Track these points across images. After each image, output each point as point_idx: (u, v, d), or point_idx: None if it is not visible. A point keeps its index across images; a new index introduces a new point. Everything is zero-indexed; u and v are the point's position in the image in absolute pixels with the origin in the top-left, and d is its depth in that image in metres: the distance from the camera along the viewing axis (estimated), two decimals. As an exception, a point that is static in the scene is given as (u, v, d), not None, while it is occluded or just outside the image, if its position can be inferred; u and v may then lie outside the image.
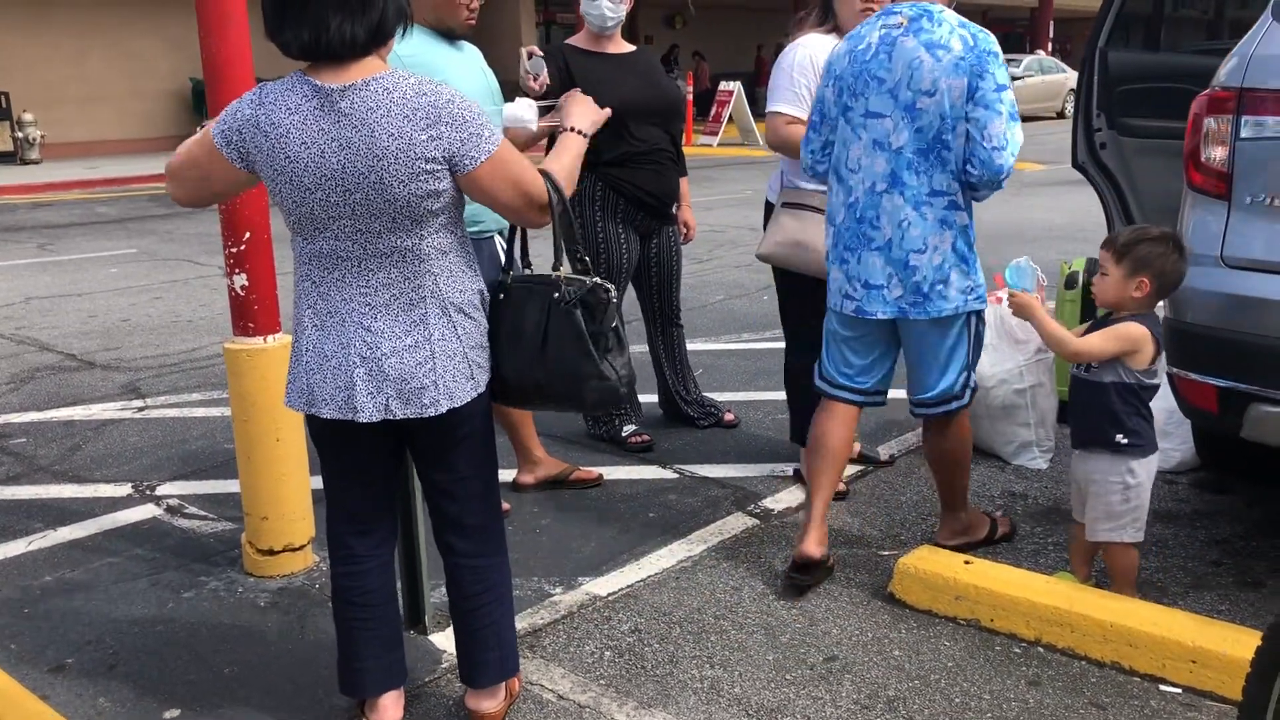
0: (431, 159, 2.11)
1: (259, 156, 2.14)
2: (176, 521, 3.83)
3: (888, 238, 3.08)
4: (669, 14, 29.26)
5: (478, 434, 2.39)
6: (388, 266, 2.19)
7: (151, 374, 5.72)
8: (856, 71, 3.09)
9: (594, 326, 2.30)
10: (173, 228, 11.18)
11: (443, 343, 2.23)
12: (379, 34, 2.15)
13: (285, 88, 2.13)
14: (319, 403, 2.25)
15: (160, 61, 19.57)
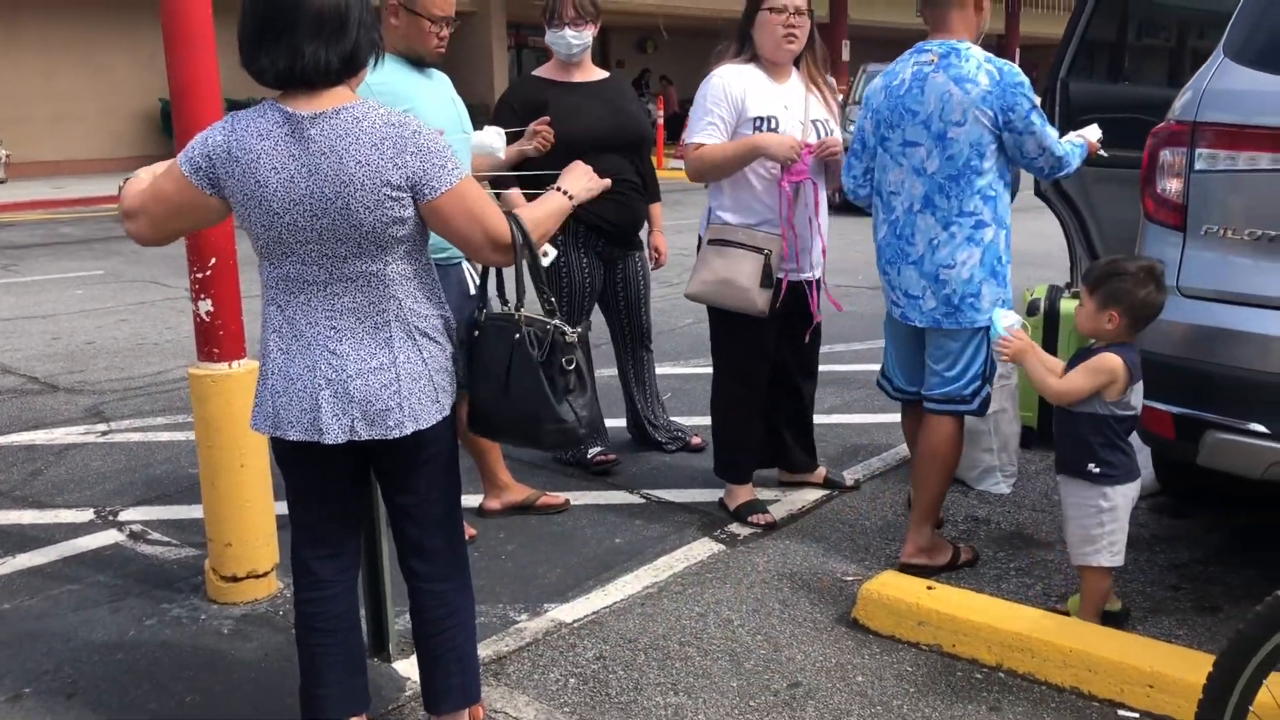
0: (396, 186, 2.14)
1: (229, 182, 2.17)
2: (139, 547, 3.79)
3: (920, 253, 3.37)
4: (641, 38, 29.42)
5: (442, 457, 2.40)
6: (353, 291, 2.21)
7: (116, 397, 5.68)
8: (892, 105, 3.37)
9: (551, 370, 2.35)
10: (139, 249, 11.03)
11: (408, 365, 2.25)
12: (352, 63, 2.19)
13: (257, 114, 2.17)
14: (285, 425, 2.26)
15: (131, 80, 19.45)
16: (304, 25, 2.10)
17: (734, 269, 3.68)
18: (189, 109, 3.03)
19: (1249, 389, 2.90)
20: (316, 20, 2.11)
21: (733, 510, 3.93)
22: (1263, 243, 2.95)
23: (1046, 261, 9.20)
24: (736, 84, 3.68)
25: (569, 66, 4.18)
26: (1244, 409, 2.90)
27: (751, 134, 3.66)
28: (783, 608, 3.27)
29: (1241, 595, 3.28)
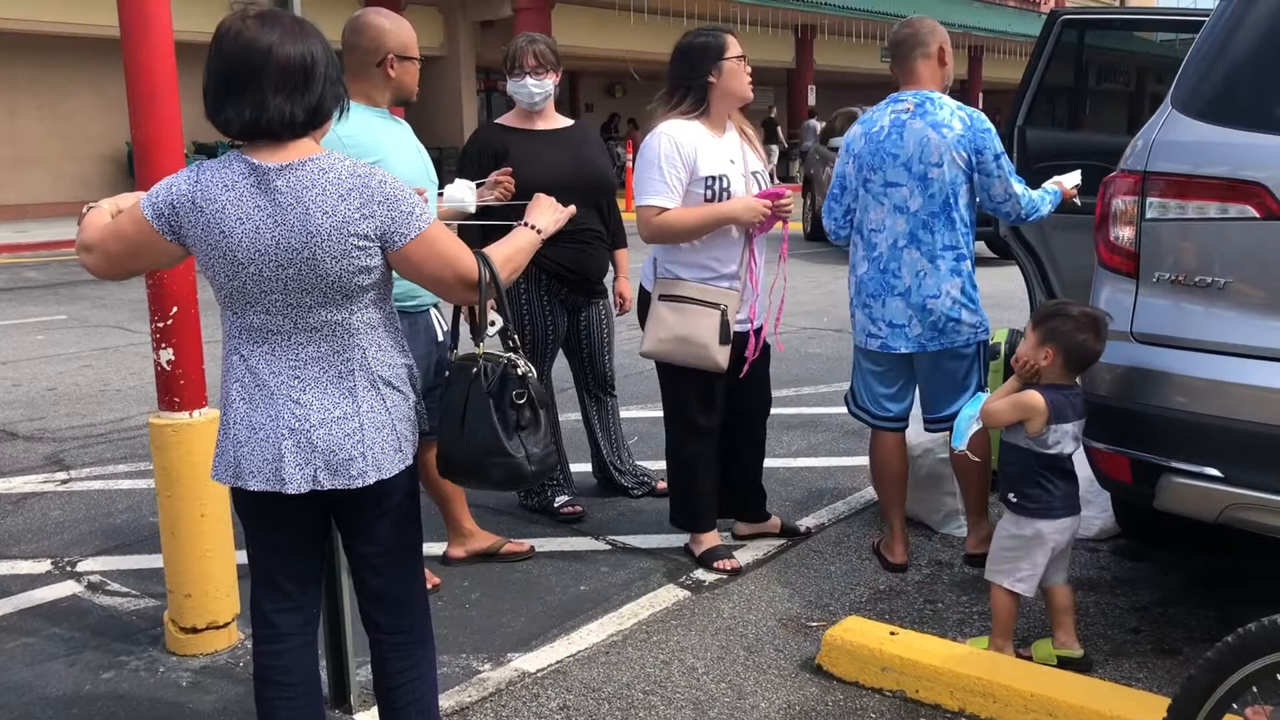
0: (364, 236, 2.16)
1: (193, 232, 2.17)
2: (97, 599, 3.74)
3: (908, 285, 3.65)
4: (610, 83, 29.69)
5: (404, 507, 2.40)
6: (318, 340, 2.22)
7: (77, 445, 5.62)
8: (873, 150, 3.67)
9: (501, 403, 2.37)
10: (104, 293, 11.02)
11: (371, 415, 2.25)
12: (316, 115, 2.20)
13: (222, 165, 2.18)
14: (246, 475, 2.25)
15: (96, 124, 19.39)
16: (269, 78, 2.11)
17: (691, 326, 3.67)
18: (153, 162, 3.03)
19: (1203, 433, 2.94)
20: (281, 73, 2.12)
21: (698, 556, 3.93)
22: (1212, 290, 3.01)
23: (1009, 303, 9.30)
24: (686, 142, 3.65)
25: (532, 114, 4.21)
26: (1199, 453, 2.94)
27: (704, 193, 3.66)
28: (747, 654, 3.27)
29: (1201, 638, 3.31)
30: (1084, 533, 4.06)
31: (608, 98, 30.12)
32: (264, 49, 2.11)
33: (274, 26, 2.13)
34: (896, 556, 3.87)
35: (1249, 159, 2.96)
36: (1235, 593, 3.67)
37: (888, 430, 3.87)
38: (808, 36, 27.97)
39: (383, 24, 3.40)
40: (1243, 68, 3.12)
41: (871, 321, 3.73)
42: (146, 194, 2.24)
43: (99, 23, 16.90)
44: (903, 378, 3.84)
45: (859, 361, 3.90)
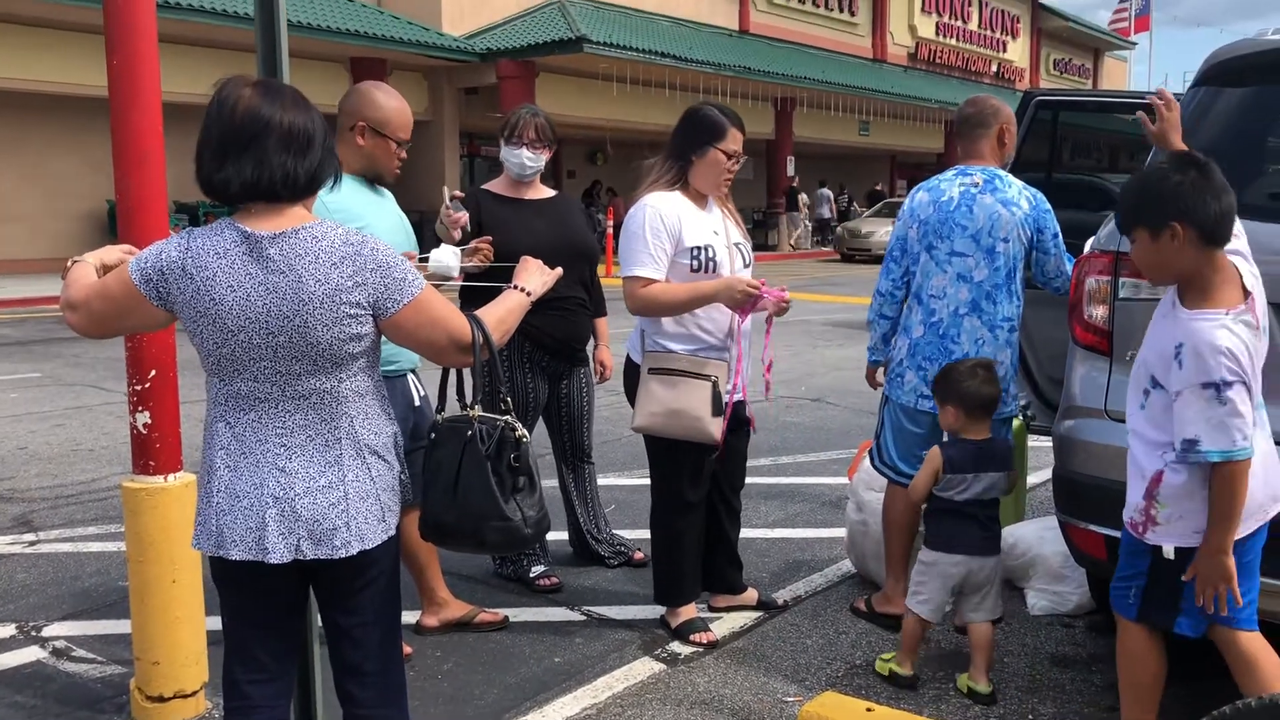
0: (356, 304, 2.17)
1: (181, 299, 2.17)
2: (62, 665, 3.68)
3: (966, 351, 3.79)
4: (591, 150, 30.02)
5: (385, 578, 2.38)
6: (305, 408, 2.22)
7: (46, 506, 5.55)
8: (942, 219, 3.83)
9: (500, 466, 2.37)
10: (80, 351, 10.96)
11: (356, 484, 2.24)
12: (315, 180, 2.23)
13: (213, 232, 2.18)
14: (229, 544, 2.23)
15: (79, 182, 19.41)
16: (273, 139, 2.14)
17: (683, 399, 3.65)
18: (137, 223, 3.04)
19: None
20: (286, 135, 2.15)
21: (675, 628, 3.90)
22: (1185, 369, 3.04)
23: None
24: (671, 213, 3.69)
25: (519, 184, 4.26)
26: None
27: (689, 263, 3.69)
28: (723, 729, 3.24)
29: (1177, 716, 3.30)
30: (1059, 608, 4.07)
31: (589, 165, 30.44)
32: (267, 115, 2.14)
33: (276, 97, 2.17)
34: (901, 608, 3.81)
35: (1219, 242, 3.01)
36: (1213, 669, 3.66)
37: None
38: (787, 109, 28.43)
39: (371, 94, 3.44)
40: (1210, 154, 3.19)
41: (925, 383, 3.83)
42: (135, 258, 2.24)
43: (84, 82, 17.03)
44: (936, 440, 3.80)
45: (899, 421, 3.97)
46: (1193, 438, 2.51)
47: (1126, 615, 2.81)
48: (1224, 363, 2.48)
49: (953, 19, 36.30)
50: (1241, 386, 2.50)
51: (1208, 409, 2.49)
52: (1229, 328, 2.52)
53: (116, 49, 3.02)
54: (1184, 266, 2.59)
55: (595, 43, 20.38)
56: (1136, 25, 43.10)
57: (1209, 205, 2.53)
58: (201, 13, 16.55)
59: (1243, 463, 2.48)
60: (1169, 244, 2.57)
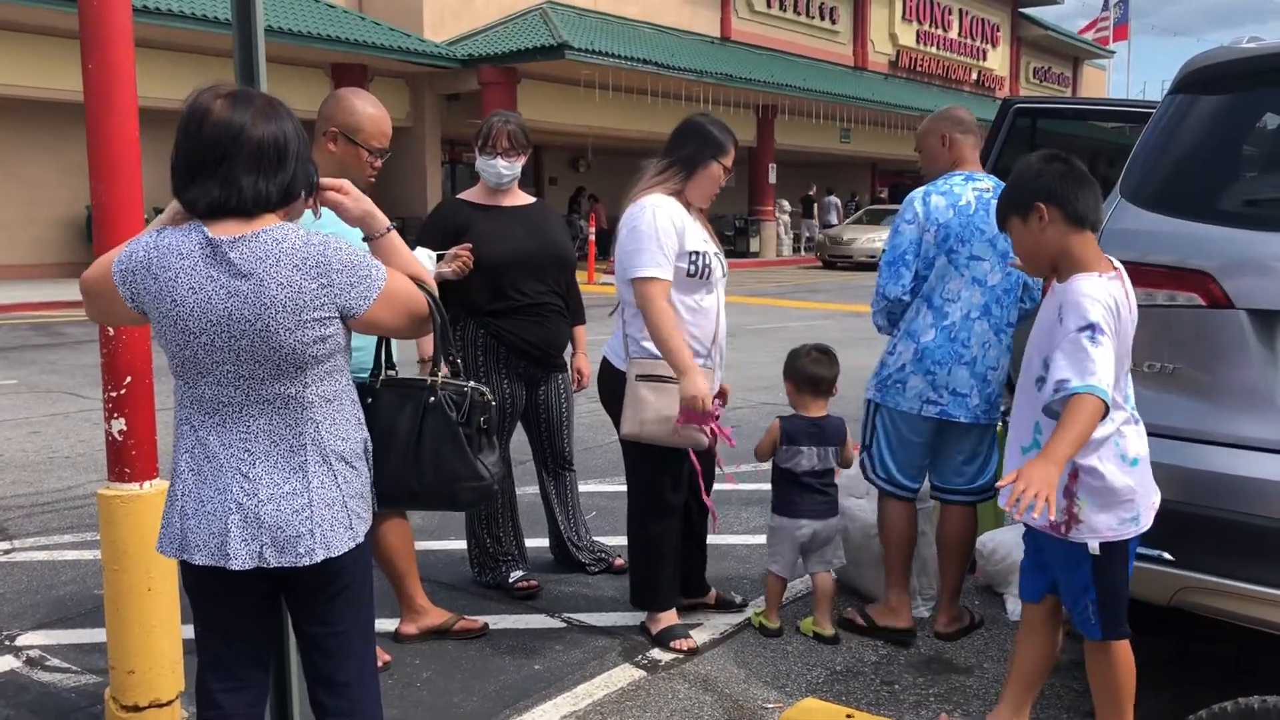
0: (320, 306, 2.15)
1: (147, 299, 2.16)
2: (36, 675, 3.64)
3: (974, 355, 3.80)
4: (574, 157, 30.03)
5: (355, 587, 2.35)
6: (269, 413, 2.19)
7: (22, 514, 5.49)
8: (963, 223, 3.79)
9: (470, 430, 2.41)
10: (57, 358, 10.88)
11: (321, 490, 2.22)
12: (288, 194, 2.21)
13: (182, 234, 2.16)
14: (192, 549, 2.21)
15: (57, 189, 19.29)
16: (243, 158, 2.11)
17: (675, 405, 3.63)
18: (112, 230, 3.01)
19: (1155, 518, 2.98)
20: (256, 153, 2.12)
21: (655, 635, 3.89)
22: (1161, 375, 3.07)
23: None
24: (678, 216, 3.73)
25: (496, 191, 4.25)
26: (1150, 537, 2.97)
27: (687, 266, 3.71)
28: (703, 737, 3.23)
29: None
30: (1039, 614, 4.07)
31: (571, 171, 30.45)
32: (236, 129, 2.10)
33: (246, 107, 2.13)
34: (905, 621, 3.92)
35: (1195, 248, 3.04)
36: (1190, 674, 3.68)
37: (908, 500, 3.97)
38: (769, 116, 28.52)
39: (347, 100, 3.40)
40: (1186, 161, 3.22)
41: (933, 388, 3.81)
42: (119, 253, 2.22)
43: (59, 87, 16.92)
44: (932, 448, 3.95)
45: (898, 431, 3.92)
46: (1064, 378, 2.63)
47: (1092, 636, 2.90)
48: (1100, 309, 2.66)
49: (933, 27, 36.52)
50: (1110, 338, 2.65)
51: (1079, 350, 2.63)
52: (1105, 286, 2.71)
53: (92, 54, 2.99)
54: (1055, 247, 2.79)
55: (577, 49, 20.39)
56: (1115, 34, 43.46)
57: (1070, 188, 2.78)
58: (180, 17, 16.50)
59: (1097, 398, 2.59)
60: (1037, 225, 2.80)
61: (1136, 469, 2.80)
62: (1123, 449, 2.78)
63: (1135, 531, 2.81)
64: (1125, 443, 2.80)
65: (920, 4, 35.70)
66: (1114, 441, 2.77)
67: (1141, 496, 2.80)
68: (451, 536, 5.02)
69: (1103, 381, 2.59)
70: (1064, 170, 2.81)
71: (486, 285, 4.05)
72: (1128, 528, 2.79)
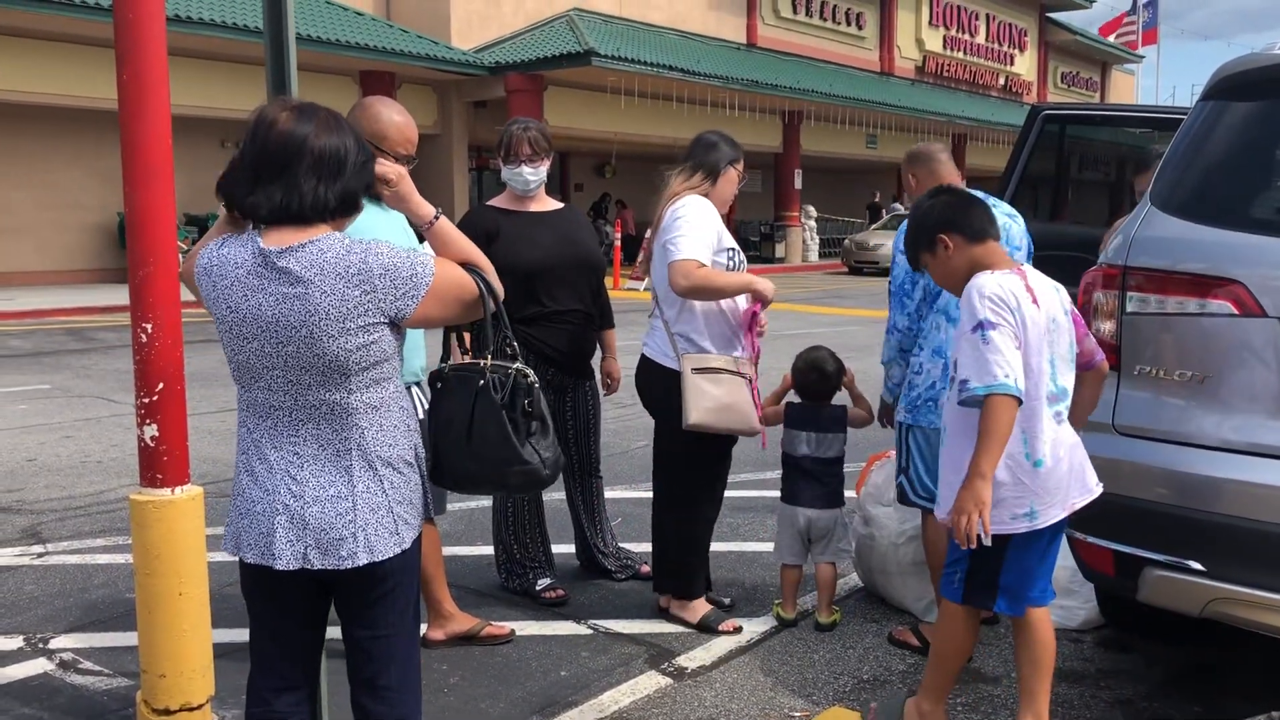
0: (365, 313, 2.19)
1: (209, 302, 2.26)
2: (69, 677, 3.68)
3: None
4: (600, 163, 30.08)
5: (400, 592, 2.38)
6: (316, 419, 2.24)
7: (55, 517, 5.56)
8: None
9: (514, 413, 2.43)
10: (89, 363, 11.00)
11: (366, 495, 2.26)
12: (346, 202, 2.25)
13: (240, 242, 2.23)
14: (244, 547, 2.29)
15: (88, 195, 19.51)
16: (304, 164, 2.18)
17: (733, 395, 3.89)
18: (146, 237, 3.04)
19: (1185, 527, 2.96)
20: (317, 162, 2.19)
21: (697, 622, 4.05)
22: (1193, 384, 3.05)
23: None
24: (712, 216, 3.97)
25: (524, 197, 4.27)
26: (1181, 547, 2.95)
27: (725, 262, 3.97)
28: (729, 744, 3.23)
29: None
30: (1067, 623, 4.06)
31: (597, 178, 30.51)
32: (299, 139, 2.18)
33: (310, 119, 2.20)
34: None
35: (1226, 256, 3.02)
36: (1222, 685, 3.65)
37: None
38: (794, 122, 28.49)
39: (373, 108, 3.42)
40: (1217, 169, 3.20)
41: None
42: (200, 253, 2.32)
43: (91, 94, 17.14)
44: None
45: (934, 448, 3.76)
46: (965, 379, 2.78)
47: (953, 599, 3.05)
48: (988, 305, 2.80)
49: (960, 32, 36.38)
50: (1006, 330, 2.77)
51: (974, 350, 2.77)
52: (996, 279, 2.85)
53: (126, 63, 3.02)
54: (967, 264, 2.98)
55: (603, 56, 20.44)
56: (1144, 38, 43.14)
57: (963, 213, 3.01)
58: (211, 25, 16.65)
59: (1005, 398, 2.71)
60: (945, 255, 3.00)
61: (1040, 470, 2.88)
62: (1029, 448, 2.87)
63: (1027, 527, 2.90)
64: (1032, 444, 2.88)
65: (947, 9, 35.59)
66: (1020, 440, 2.85)
67: (1039, 496, 2.88)
68: (479, 542, 5.04)
69: (1004, 377, 2.71)
70: (951, 199, 3.06)
71: (516, 292, 4.06)
72: (1019, 523, 2.89)
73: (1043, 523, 2.90)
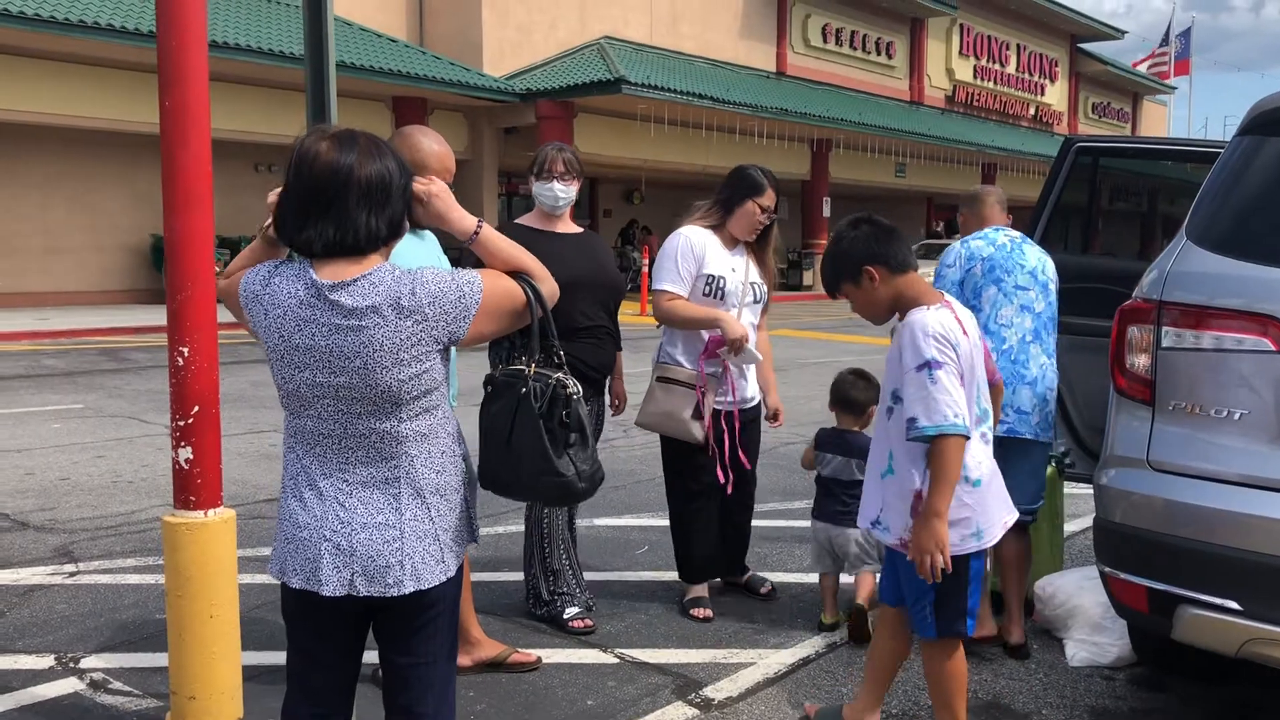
0: (418, 343, 2.20)
1: (259, 329, 2.26)
2: (99, 697, 3.70)
3: (1034, 376, 4.13)
4: (628, 190, 30.22)
5: (444, 619, 2.39)
6: (366, 446, 2.26)
7: (87, 537, 5.60)
8: (1005, 256, 4.19)
9: (551, 422, 2.43)
10: (121, 383, 11.11)
11: (414, 523, 2.27)
12: (397, 228, 2.26)
13: (292, 273, 2.23)
14: (289, 572, 2.30)
15: (123, 216, 19.77)
16: (353, 195, 2.17)
17: (674, 403, 4.39)
18: (184, 261, 3.09)
19: (1221, 565, 2.92)
20: (365, 190, 2.18)
21: (682, 603, 4.58)
22: (1228, 420, 3.02)
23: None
24: (699, 243, 4.44)
25: (551, 218, 4.34)
26: (1217, 585, 2.92)
27: (704, 287, 4.40)
28: (756, 777, 3.20)
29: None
30: (1099, 660, 4.01)
31: (625, 204, 30.64)
32: (345, 170, 2.16)
33: (351, 147, 2.19)
34: (1016, 637, 4.13)
35: (1263, 292, 3.00)
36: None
37: None
38: (823, 150, 28.54)
39: (412, 137, 3.47)
40: (1254, 205, 3.18)
41: (1014, 410, 4.06)
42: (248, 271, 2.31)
43: (128, 118, 17.42)
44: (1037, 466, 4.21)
45: None
46: (913, 416, 2.88)
47: (928, 634, 3.10)
48: (933, 344, 2.88)
49: (991, 62, 36.40)
50: (951, 368, 2.87)
51: (921, 390, 2.86)
52: (935, 317, 2.94)
53: (169, 92, 3.07)
54: (890, 297, 3.07)
55: (634, 84, 20.58)
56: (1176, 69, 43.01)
57: (886, 244, 3.06)
58: (249, 52, 16.89)
59: (954, 437, 2.83)
60: (870, 286, 3.07)
61: (979, 489, 3.00)
62: (966, 471, 2.95)
63: (976, 547, 3.02)
64: (970, 465, 2.96)
65: (978, 39, 35.62)
66: None
67: (981, 514, 3.01)
68: (505, 569, 5.04)
69: (954, 417, 2.83)
70: (873, 230, 3.10)
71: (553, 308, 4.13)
72: (969, 543, 3.00)
73: (988, 541, 3.04)
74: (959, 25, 34.73)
